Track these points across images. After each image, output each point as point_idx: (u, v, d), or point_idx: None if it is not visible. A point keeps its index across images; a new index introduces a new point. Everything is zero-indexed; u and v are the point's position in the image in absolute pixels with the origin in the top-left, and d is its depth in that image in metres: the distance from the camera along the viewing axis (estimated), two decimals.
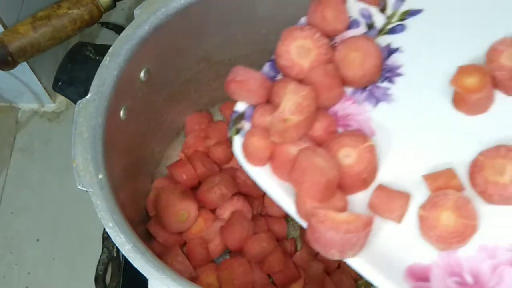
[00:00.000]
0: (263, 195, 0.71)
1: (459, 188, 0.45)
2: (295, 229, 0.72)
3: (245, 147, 0.49)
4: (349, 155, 0.46)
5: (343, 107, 0.51)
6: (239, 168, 0.71)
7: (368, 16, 0.53)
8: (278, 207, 0.68)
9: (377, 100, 0.50)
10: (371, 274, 0.43)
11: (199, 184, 0.71)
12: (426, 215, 0.44)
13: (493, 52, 0.48)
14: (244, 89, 0.50)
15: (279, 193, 0.48)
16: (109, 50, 0.57)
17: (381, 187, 0.46)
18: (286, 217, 0.72)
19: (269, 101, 0.50)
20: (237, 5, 0.63)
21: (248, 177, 0.68)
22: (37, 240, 0.77)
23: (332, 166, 0.44)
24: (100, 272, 0.70)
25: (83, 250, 0.74)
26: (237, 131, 0.50)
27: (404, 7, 0.53)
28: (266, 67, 0.53)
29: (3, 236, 0.77)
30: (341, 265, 0.67)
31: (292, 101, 0.46)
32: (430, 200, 0.44)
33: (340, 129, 0.50)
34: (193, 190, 0.70)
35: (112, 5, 0.71)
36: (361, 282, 0.68)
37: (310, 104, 0.46)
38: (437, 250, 0.44)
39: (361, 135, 0.47)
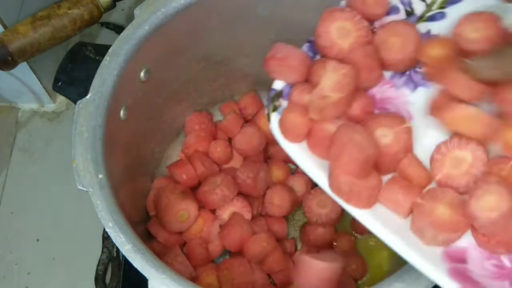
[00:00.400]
0: (263, 195, 0.71)
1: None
2: (295, 229, 0.72)
3: (283, 123, 0.49)
4: (386, 135, 0.46)
5: (381, 91, 0.51)
6: (239, 168, 0.71)
7: (407, 3, 0.53)
8: (278, 207, 0.69)
9: (416, 85, 0.51)
10: (409, 255, 0.44)
11: (199, 184, 0.71)
12: (423, 203, 0.44)
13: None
14: (285, 65, 0.50)
15: (314, 169, 0.48)
16: (109, 50, 0.57)
17: None
18: (286, 217, 0.72)
19: (308, 81, 0.51)
20: (237, 5, 0.63)
21: (248, 177, 0.69)
22: (37, 240, 0.77)
23: (370, 144, 0.45)
24: (100, 272, 0.70)
25: (83, 250, 0.74)
26: (275, 108, 0.50)
27: None
28: (305, 48, 0.53)
29: (3, 236, 0.77)
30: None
31: (332, 79, 0.46)
32: (429, 192, 0.45)
33: (377, 112, 0.50)
34: (193, 190, 0.70)
35: (112, 5, 0.71)
36: (361, 283, 0.68)
37: (350, 82, 0.47)
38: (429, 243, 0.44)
39: (398, 117, 0.47)
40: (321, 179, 0.47)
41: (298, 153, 0.49)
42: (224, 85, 0.75)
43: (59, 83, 0.72)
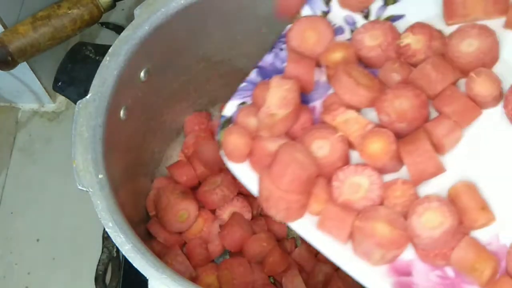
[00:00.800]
0: None
1: None
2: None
3: (225, 146, 0.50)
4: (322, 147, 0.47)
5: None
6: None
7: (352, 23, 0.54)
8: None
9: None
10: (353, 270, 0.45)
11: (199, 184, 0.71)
12: (363, 225, 0.44)
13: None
14: None
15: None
16: (109, 50, 0.57)
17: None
18: None
19: (254, 103, 0.51)
20: (237, 5, 0.63)
21: None
22: (37, 240, 0.77)
23: (311, 161, 0.46)
24: (100, 272, 0.70)
25: (83, 250, 0.74)
26: None
27: (387, 13, 0.54)
28: (253, 74, 0.54)
29: (3, 236, 0.77)
30: None
31: (277, 95, 0.47)
32: (363, 213, 0.45)
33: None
34: (193, 190, 0.70)
35: (112, 5, 0.71)
36: None
37: (295, 96, 0.47)
38: (375, 262, 0.44)
39: (331, 127, 0.48)
40: None
41: (243, 173, 0.50)
42: (224, 85, 0.75)
43: (59, 83, 0.72)
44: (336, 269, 0.67)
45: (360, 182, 0.46)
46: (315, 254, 0.68)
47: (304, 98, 0.50)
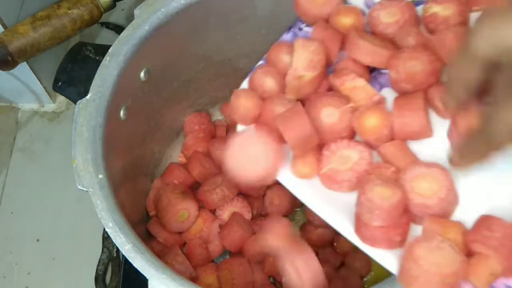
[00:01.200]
0: (263, 195, 0.71)
1: None
2: (295, 229, 0.72)
3: (235, 110, 0.50)
4: (332, 114, 0.47)
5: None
6: None
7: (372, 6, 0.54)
8: (278, 207, 0.69)
9: (381, 86, 0.51)
10: (385, 259, 0.45)
11: (199, 184, 0.71)
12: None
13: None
14: None
15: None
16: (109, 50, 0.57)
17: None
18: (286, 217, 0.72)
19: (269, 63, 0.52)
20: (237, 5, 0.63)
21: None
22: (37, 240, 0.77)
23: (311, 124, 0.46)
24: (100, 272, 0.70)
25: (83, 250, 0.74)
26: None
27: None
28: (288, 36, 0.54)
29: (3, 236, 0.77)
30: (345, 263, 0.68)
31: (303, 57, 0.47)
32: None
33: None
34: (193, 190, 0.70)
35: (112, 5, 0.71)
36: (366, 280, 0.68)
37: (322, 58, 0.48)
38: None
39: (344, 97, 0.48)
40: None
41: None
42: (224, 85, 0.75)
43: (59, 83, 0.72)
44: (336, 268, 0.67)
45: (350, 155, 0.46)
46: (315, 254, 0.69)
47: None
